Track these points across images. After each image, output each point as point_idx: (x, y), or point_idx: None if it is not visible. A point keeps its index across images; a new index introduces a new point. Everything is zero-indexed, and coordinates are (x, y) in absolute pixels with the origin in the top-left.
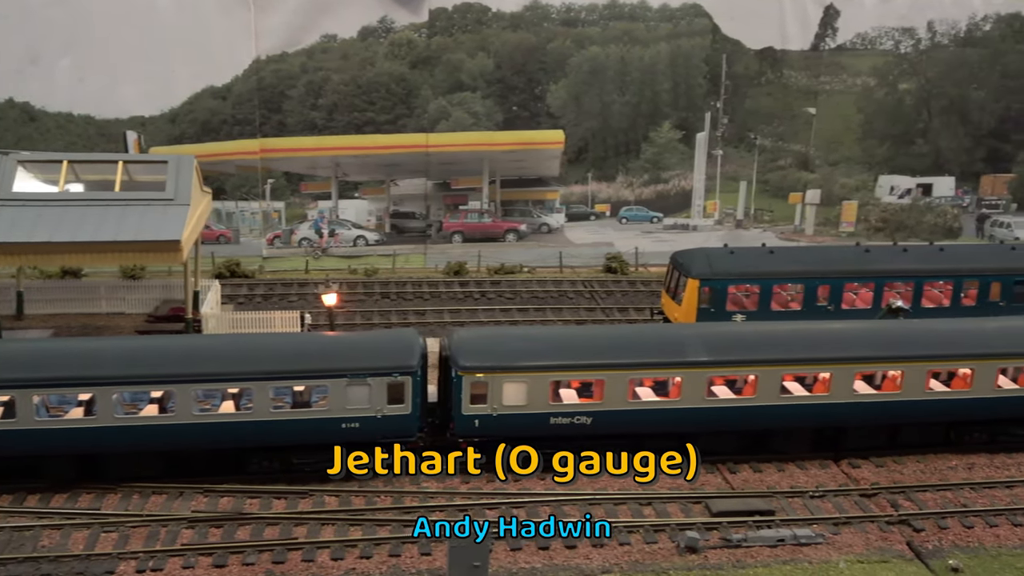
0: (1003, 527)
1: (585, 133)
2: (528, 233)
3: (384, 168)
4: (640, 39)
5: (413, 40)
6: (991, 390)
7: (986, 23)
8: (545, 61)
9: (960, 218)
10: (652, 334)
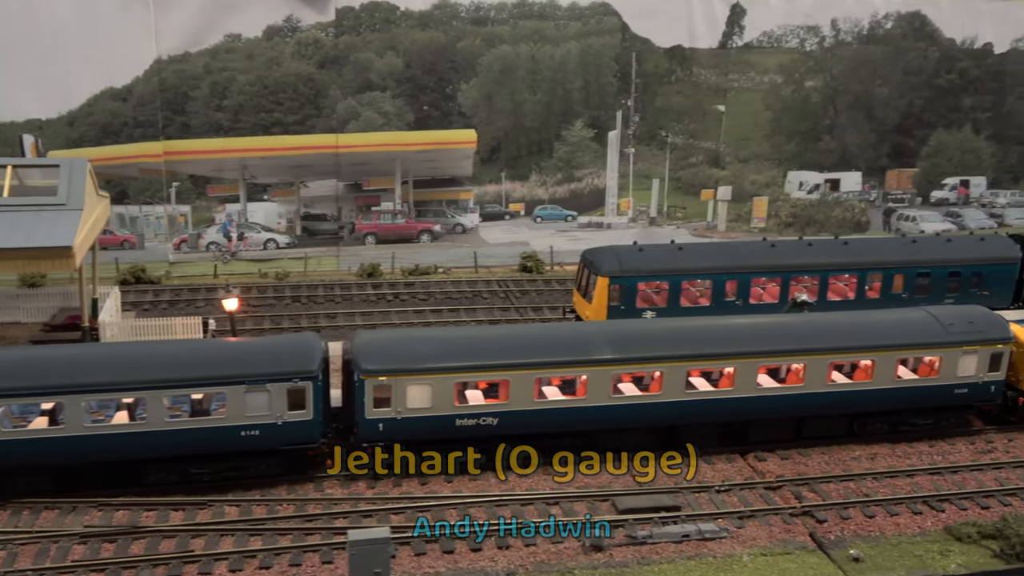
0: (903, 515)
1: (497, 132)
2: (443, 233)
3: (293, 170)
4: (550, 38)
5: (320, 39)
6: (892, 381)
7: (887, 21)
8: (455, 60)
9: (867, 212)
10: (558, 333)
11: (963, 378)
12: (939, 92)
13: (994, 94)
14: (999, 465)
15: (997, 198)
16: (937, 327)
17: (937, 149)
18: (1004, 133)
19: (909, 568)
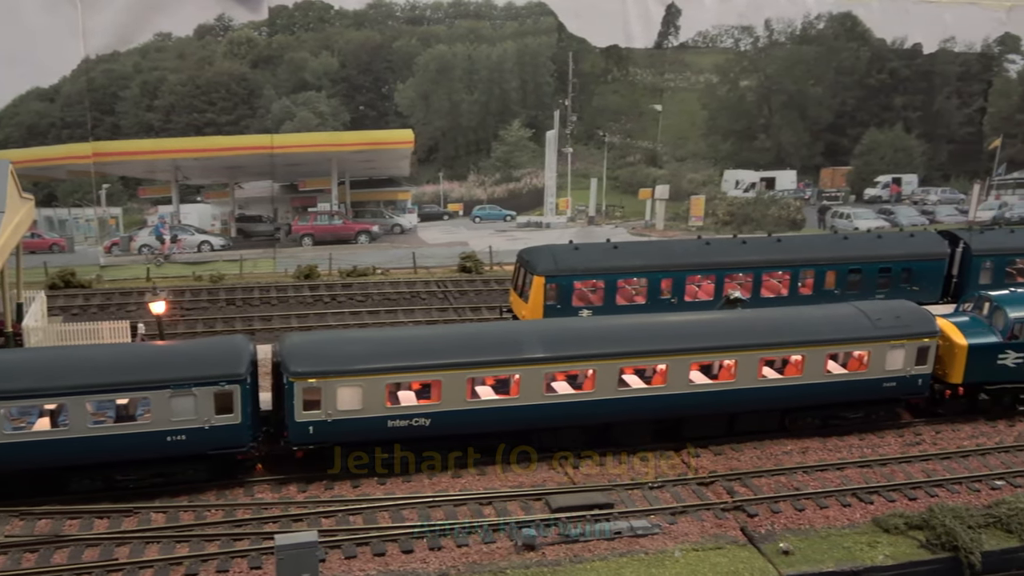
0: (833, 508)
1: (435, 132)
2: (381, 234)
3: (227, 170)
4: (487, 37)
5: (253, 39)
6: (821, 375)
7: (819, 21)
8: (391, 60)
9: (802, 210)
10: (490, 332)
11: (891, 372)
12: (871, 91)
13: (923, 93)
14: (927, 457)
15: (928, 195)
16: (865, 322)
17: (869, 148)
18: (934, 132)
19: (838, 560)
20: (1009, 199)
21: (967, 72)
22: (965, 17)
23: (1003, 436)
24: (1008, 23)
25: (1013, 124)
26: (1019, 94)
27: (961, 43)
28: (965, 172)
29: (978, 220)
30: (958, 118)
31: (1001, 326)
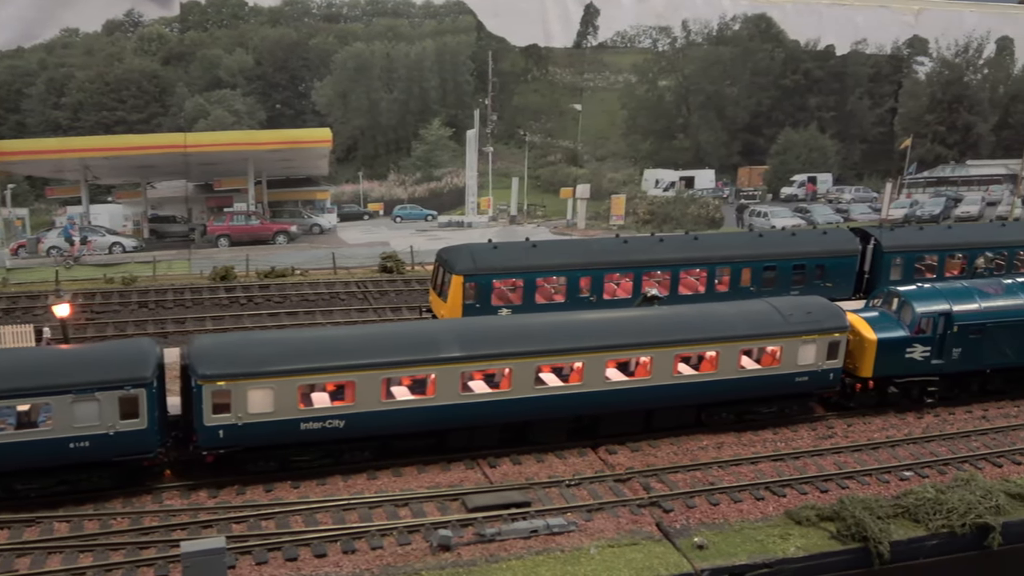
0: (747, 502)
1: (353, 131)
2: (299, 234)
3: (139, 170)
4: (405, 36)
5: (164, 35)
6: (736, 371)
7: (735, 23)
8: (308, 58)
9: (721, 209)
10: (406, 332)
11: (803, 366)
12: (786, 92)
13: (837, 94)
14: (838, 450)
15: (842, 194)
16: (778, 318)
17: (785, 147)
18: (847, 132)
19: (751, 553)
20: (920, 197)
21: (878, 73)
22: (876, 20)
23: (911, 428)
24: (916, 26)
25: (922, 124)
26: (928, 95)
27: (872, 45)
28: (877, 171)
29: (890, 218)
30: (870, 118)
31: (908, 321)
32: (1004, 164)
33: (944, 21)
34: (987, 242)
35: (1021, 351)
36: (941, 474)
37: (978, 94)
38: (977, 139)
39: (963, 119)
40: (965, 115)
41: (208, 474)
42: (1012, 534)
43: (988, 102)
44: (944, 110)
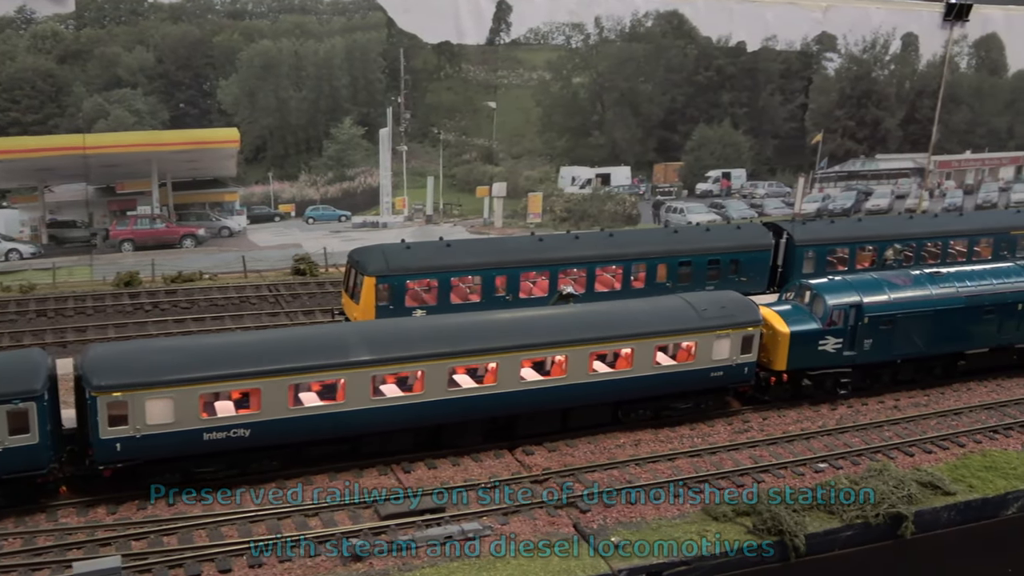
0: (664, 499)
1: (262, 131)
2: (207, 238)
3: (35, 173)
4: (313, 32)
5: (59, 32)
6: (651, 367)
7: (648, 20)
8: (212, 55)
9: (638, 205)
10: (314, 336)
11: (718, 361)
12: (699, 88)
13: (749, 90)
14: (754, 444)
15: (756, 189)
16: (692, 313)
17: (700, 143)
18: (760, 127)
19: (668, 551)
20: (831, 191)
21: (788, 70)
22: (785, 16)
23: (825, 420)
24: (825, 23)
25: (832, 120)
26: (837, 91)
27: (782, 41)
28: (790, 166)
29: (803, 212)
30: (782, 114)
31: (821, 313)
32: (911, 158)
33: (851, 18)
34: (896, 234)
35: (930, 341)
36: (855, 465)
37: (885, 90)
38: (885, 134)
39: (871, 114)
40: (873, 110)
41: (107, 489)
42: (924, 522)
43: (895, 97)
44: (853, 105)
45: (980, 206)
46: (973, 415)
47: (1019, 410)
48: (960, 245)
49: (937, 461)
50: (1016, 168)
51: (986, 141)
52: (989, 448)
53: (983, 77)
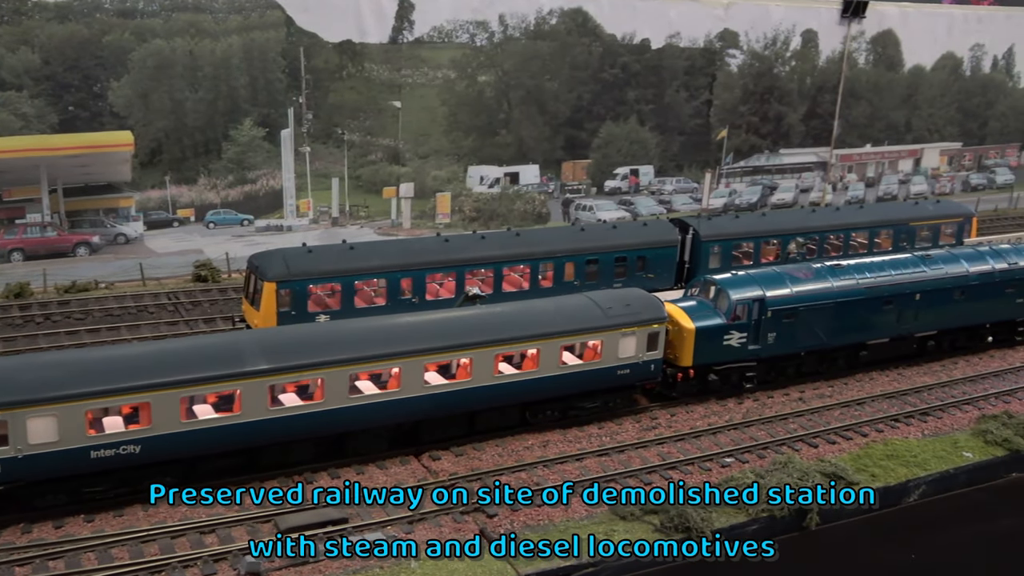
0: (572, 501)
1: (157, 133)
2: (103, 245)
3: None
4: (209, 31)
5: None
6: (558, 368)
7: (552, 17)
8: (102, 56)
9: (547, 204)
10: (209, 346)
11: (624, 359)
12: (605, 86)
13: (654, 87)
14: (662, 440)
15: (664, 185)
16: (597, 312)
17: (607, 140)
18: (666, 124)
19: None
20: (738, 186)
21: (693, 66)
22: (688, 14)
23: (732, 414)
24: (727, 20)
25: (737, 116)
26: (741, 87)
27: (686, 39)
28: (697, 162)
29: (710, 208)
30: (687, 110)
31: (725, 308)
32: (814, 152)
33: (752, 15)
34: (799, 228)
35: (832, 332)
36: (760, 458)
37: (787, 85)
38: (788, 129)
39: (774, 110)
40: (776, 106)
41: None
42: (828, 513)
43: (797, 93)
44: (756, 101)
45: (881, 198)
46: (875, 405)
47: (919, 398)
48: (861, 237)
49: (841, 452)
50: (914, 160)
51: (885, 135)
52: (891, 437)
53: (880, 72)
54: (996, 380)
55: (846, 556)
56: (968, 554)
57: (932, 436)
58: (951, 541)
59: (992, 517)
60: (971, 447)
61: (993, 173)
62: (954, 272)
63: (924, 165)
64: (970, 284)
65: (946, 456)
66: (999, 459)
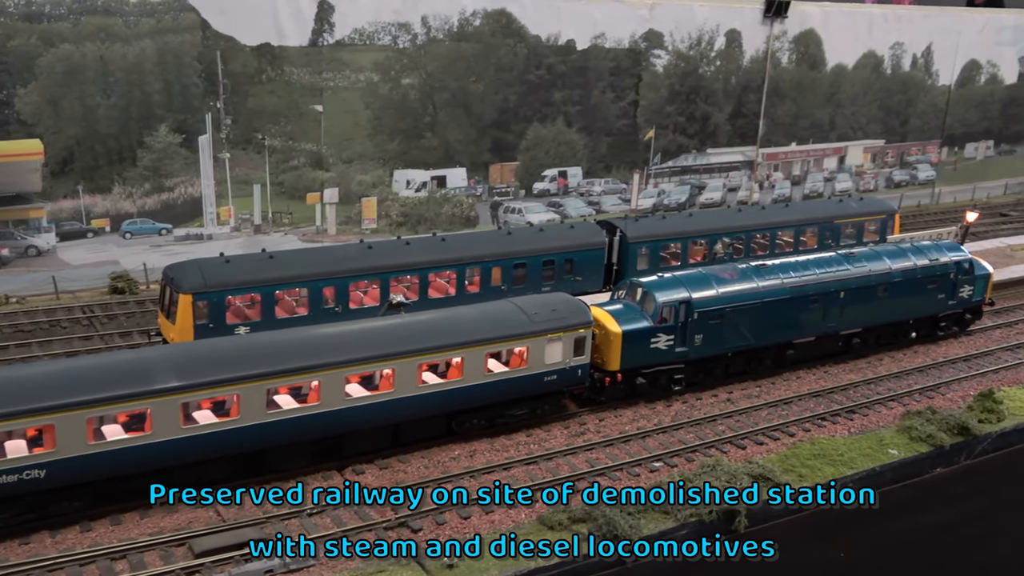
0: (498, 511)
1: (68, 141)
2: (12, 258)
3: None
4: (120, 36)
5: None
6: (483, 376)
7: (476, 18)
8: (7, 61)
9: (476, 207)
10: (116, 363)
11: (551, 365)
12: (531, 87)
13: (580, 88)
14: (591, 446)
15: (593, 186)
16: (523, 317)
17: (534, 142)
18: (593, 125)
19: (503, 567)
20: (666, 187)
21: (619, 67)
22: (612, 14)
23: (661, 417)
24: (651, 20)
25: (663, 116)
26: (667, 87)
27: (611, 39)
28: (625, 163)
29: (640, 208)
30: (614, 111)
31: (651, 311)
32: (741, 151)
33: (676, 15)
34: (725, 227)
35: (759, 332)
36: (689, 462)
37: (712, 85)
38: (715, 128)
39: (701, 109)
40: (702, 105)
41: None
42: (757, 515)
43: (722, 93)
44: (683, 101)
45: (807, 196)
46: (802, 404)
47: (845, 396)
48: (787, 235)
49: (768, 452)
50: (839, 158)
51: (810, 133)
52: (818, 436)
53: (804, 71)
54: (920, 376)
55: (774, 558)
56: (895, 551)
57: (858, 434)
58: (878, 539)
59: (918, 513)
60: (896, 444)
61: (915, 169)
62: (877, 269)
63: (848, 162)
64: (893, 281)
65: (872, 454)
66: (924, 455)
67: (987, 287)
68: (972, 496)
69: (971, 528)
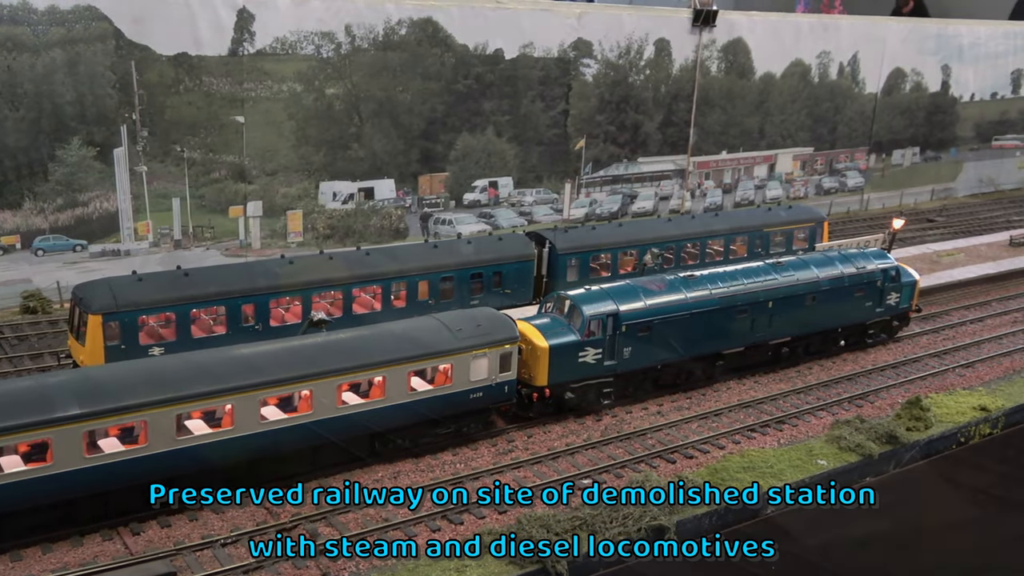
0: (422, 536)
1: None
2: None
3: None
4: (28, 45)
5: None
6: (407, 395)
7: (401, 27)
8: None
9: (405, 219)
10: (11, 391)
11: (476, 382)
12: (459, 97)
13: (510, 98)
14: (519, 464)
15: (524, 197)
16: (447, 334)
17: (464, 153)
18: (523, 135)
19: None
20: (598, 196)
21: (548, 76)
22: (541, 23)
23: (590, 432)
24: (580, 29)
25: (594, 125)
26: (596, 96)
27: (540, 48)
28: (556, 172)
29: (572, 218)
30: (544, 121)
31: (578, 324)
32: (672, 160)
33: (605, 24)
34: (655, 237)
35: (688, 344)
36: (618, 478)
37: (642, 94)
38: (646, 137)
39: (631, 118)
40: (632, 114)
41: None
42: (686, 531)
43: (652, 101)
44: (613, 110)
45: (739, 204)
46: (732, 415)
47: (775, 406)
48: (717, 244)
49: (698, 466)
50: (769, 166)
51: (740, 141)
52: (747, 448)
53: (733, 80)
54: (849, 384)
55: (707, 570)
56: (825, 562)
57: (788, 445)
58: (808, 551)
59: (846, 523)
60: (825, 454)
61: (844, 176)
62: (805, 278)
63: (779, 170)
64: (821, 289)
65: (801, 465)
66: (853, 465)
67: (914, 294)
68: (899, 505)
69: (898, 539)
